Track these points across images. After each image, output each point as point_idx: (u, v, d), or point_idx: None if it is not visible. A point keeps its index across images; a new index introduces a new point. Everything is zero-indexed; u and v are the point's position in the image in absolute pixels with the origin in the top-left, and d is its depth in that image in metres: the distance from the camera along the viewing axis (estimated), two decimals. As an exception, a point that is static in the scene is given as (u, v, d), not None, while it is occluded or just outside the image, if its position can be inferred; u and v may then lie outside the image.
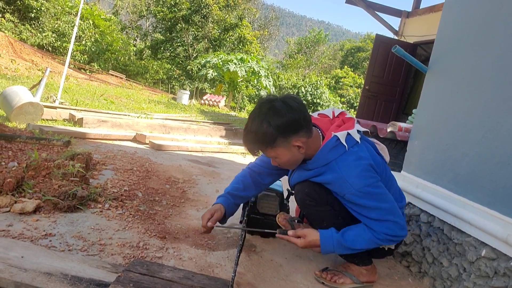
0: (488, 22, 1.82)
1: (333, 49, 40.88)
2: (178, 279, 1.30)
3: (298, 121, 1.44)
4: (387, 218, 1.47)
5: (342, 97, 28.08)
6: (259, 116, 1.44)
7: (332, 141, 1.50)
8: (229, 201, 1.73)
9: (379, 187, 1.48)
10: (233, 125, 7.39)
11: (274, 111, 1.43)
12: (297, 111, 1.44)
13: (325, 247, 1.53)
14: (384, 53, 6.81)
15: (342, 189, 1.48)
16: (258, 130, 1.43)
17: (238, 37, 25.84)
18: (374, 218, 1.47)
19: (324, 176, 1.52)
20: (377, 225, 1.47)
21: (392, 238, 1.49)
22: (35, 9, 18.64)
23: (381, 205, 1.46)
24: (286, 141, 1.45)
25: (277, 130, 1.42)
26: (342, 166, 1.47)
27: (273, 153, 1.49)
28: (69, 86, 10.00)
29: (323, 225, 1.61)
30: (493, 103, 1.69)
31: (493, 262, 1.52)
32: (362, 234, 1.50)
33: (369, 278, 1.70)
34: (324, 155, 1.50)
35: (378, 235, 1.48)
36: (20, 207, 1.77)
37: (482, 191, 1.66)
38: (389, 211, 1.48)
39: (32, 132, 3.45)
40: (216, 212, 1.66)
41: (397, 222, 1.48)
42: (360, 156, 1.49)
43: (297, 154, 1.50)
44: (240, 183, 1.78)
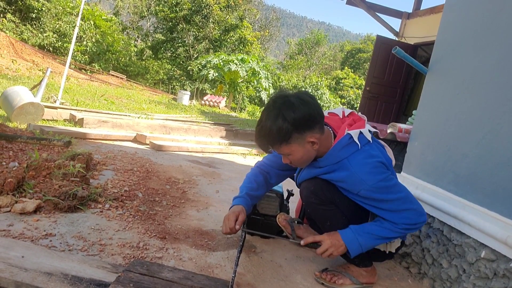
0: (488, 23, 1.82)
1: (333, 50, 40.89)
2: (178, 279, 1.31)
3: (314, 116, 1.41)
4: (404, 207, 1.46)
5: (342, 98, 28.10)
6: (274, 111, 1.40)
7: (345, 139, 1.49)
8: (248, 202, 1.69)
9: (391, 179, 1.48)
10: (233, 125, 7.40)
11: (289, 106, 1.39)
12: (312, 106, 1.41)
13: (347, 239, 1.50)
14: (385, 54, 6.82)
15: (355, 187, 1.47)
16: (273, 125, 1.39)
17: (238, 37, 25.86)
18: (392, 209, 1.46)
19: (336, 174, 1.51)
20: (396, 216, 1.46)
21: (413, 227, 1.49)
22: (36, 10, 18.68)
23: (397, 196, 1.46)
24: (301, 137, 1.42)
25: (293, 125, 1.38)
26: (354, 164, 1.46)
27: (287, 150, 1.45)
28: (69, 86, 10.01)
29: (326, 225, 1.62)
30: (493, 104, 1.69)
31: (492, 264, 1.52)
32: (380, 224, 1.49)
33: (368, 280, 1.70)
34: (336, 153, 1.49)
35: (398, 225, 1.47)
36: (20, 207, 1.77)
37: (482, 192, 1.66)
38: (405, 200, 1.47)
39: (32, 132, 3.46)
40: (240, 214, 1.60)
41: (415, 209, 1.48)
42: (371, 154, 1.48)
43: (310, 150, 1.47)
44: (254, 182, 1.74)
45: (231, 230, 1.55)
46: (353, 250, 1.51)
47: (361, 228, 1.51)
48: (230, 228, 1.55)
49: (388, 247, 1.64)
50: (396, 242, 1.64)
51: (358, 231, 1.50)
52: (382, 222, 1.50)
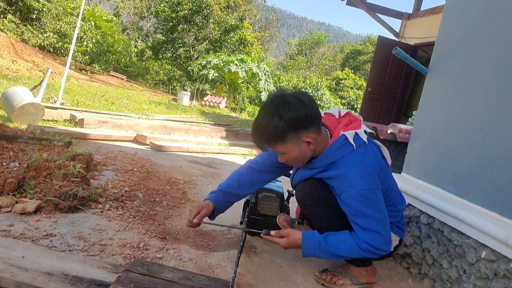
0: (488, 24, 1.82)
1: (333, 50, 40.91)
2: (178, 279, 1.31)
3: (310, 117, 1.41)
4: (374, 228, 1.45)
5: (342, 99, 28.10)
6: (270, 110, 1.41)
7: (340, 140, 1.49)
8: (219, 198, 1.70)
9: (377, 195, 1.47)
10: (233, 126, 7.40)
11: (286, 105, 1.39)
12: (309, 106, 1.42)
13: (306, 248, 1.52)
14: (386, 55, 6.82)
15: (341, 187, 1.47)
16: (269, 123, 1.39)
17: (239, 38, 25.87)
18: (361, 225, 1.46)
19: (328, 172, 1.51)
20: (363, 233, 1.46)
21: (374, 251, 1.47)
22: (37, 10, 18.70)
23: (372, 214, 1.45)
24: (296, 137, 1.42)
25: (289, 125, 1.39)
26: (347, 165, 1.46)
27: (283, 149, 1.46)
28: (70, 87, 10.02)
29: (323, 225, 1.61)
30: (493, 104, 1.69)
31: (493, 264, 1.52)
32: (345, 240, 1.49)
33: (369, 279, 1.70)
34: (331, 154, 1.50)
35: (361, 244, 1.46)
36: (21, 207, 1.77)
37: (482, 192, 1.66)
38: (379, 222, 1.46)
39: (33, 133, 3.46)
40: (203, 208, 1.62)
41: (383, 235, 1.47)
42: (366, 158, 1.48)
43: (306, 150, 1.48)
44: (235, 180, 1.74)
45: (189, 223, 1.58)
46: (306, 256, 1.55)
47: (324, 242, 1.51)
48: (188, 221, 1.58)
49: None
50: (395, 240, 1.64)
51: (320, 246, 1.51)
52: (347, 236, 1.50)
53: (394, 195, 1.66)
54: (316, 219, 1.66)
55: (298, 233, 1.55)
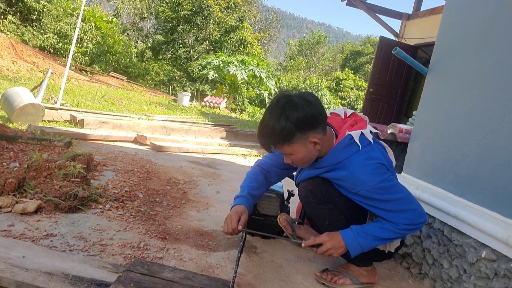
0: (488, 24, 1.82)
1: (333, 50, 40.92)
2: (179, 279, 1.31)
3: (316, 116, 1.41)
4: (404, 207, 1.46)
5: (342, 99, 28.11)
6: (277, 110, 1.40)
7: (346, 140, 1.49)
8: (250, 201, 1.69)
9: (392, 180, 1.48)
10: (234, 126, 7.40)
11: (292, 105, 1.39)
12: (315, 106, 1.41)
13: (348, 239, 1.50)
14: (387, 56, 6.81)
15: (354, 186, 1.47)
16: (276, 124, 1.38)
17: (239, 39, 25.88)
18: (391, 209, 1.46)
19: (335, 173, 1.51)
20: (396, 217, 1.47)
21: (413, 227, 1.49)
22: (37, 11, 18.73)
23: (397, 196, 1.46)
24: (303, 137, 1.41)
25: (296, 125, 1.38)
26: (354, 165, 1.46)
27: (289, 149, 1.45)
28: (70, 87, 10.03)
29: (324, 224, 1.62)
30: (493, 104, 1.70)
31: (493, 264, 1.52)
32: (380, 224, 1.50)
33: (369, 279, 1.70)
34: (337, 153, 1.49)
35: (397, 226, 1.47)
36: (21, 208, 1.77)
37: (482, 192, 1.66)
38: (405, 201, 1.47)
39: (33, 133, 3.46)
40: (243, 214, 1.59)
41: (415, 209, 1.48)
42: (371, 156, 1.48)
43: (312, 150, 1.47)
44: (254, 181, 1.73)
45: (233, 230, 1.54)
46: (354, 251, 1.51)
47: (362, 229, 1.51)
48: (233, 229, 1.54)
49: (388, 247, 1.64)
50: (396, 242, 1.64)
51: (359, 233, 1.50)
52: (382, 222, 1.50)
53: None
54: (318, 217, 1.67)
55: (335, 232, 1.54)
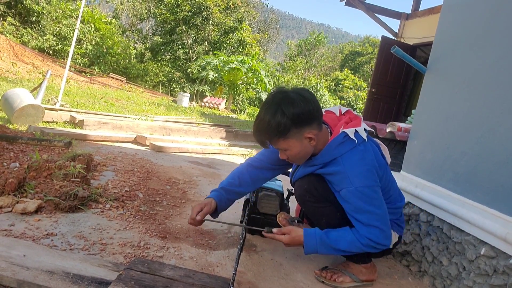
0: (487, 23, 1.83)
1: (332, 51, 40.97)
2: (179, 277, 1.31)
3: (312, 112, 1.42)
4: (374, 223, 1.46)
5: (342, 99, 28.14)
6: (273, 106, 1.40)
7: (340, 137, 1.50)
8: (221, 196, 1.70)
9: (376, 191, 1.48)
10: (233, 127, 7.41)
11: (288, 101, 1.40)
12: (311, 102, 1.42)
13: (308, 244, 1.52)
14: (388, 55, 6.81)
15: (341, 183, 1.48)
16: (272, 120, 1.39)
17: (238, 40, 25.91)
18: (362, 221, 1.47)
19: (328, 168, 1.52)
20: (363, 229, 1.47)
21: (375, 245, 1.48)
22: (36, 13, 18.74)
23: (372, 210, 1.46)
24: (299, 133, 1.43)
25: (292, 120, 1.39)
26: (346, 162, 1.47)
27: (285, 145, 1.46)
28: (69, 89, 10.03)
29: (322, 222, 1.62)
30: (492, 103, 1.70)
31: (492, 260, 1.53)
32: (346, 236, 1.50)
33: (368, 277, 1.71)
34: (331, 151, 1.50)
35: (361, 238, 1.47)
36: (22, 207, 1.78)
37: (481, 190, 1.67)
38: (379, 218, 1.47)
39: (33, 134, 3.46)
40: (206, 206, 1.63)
41: (383, 230, 1.48)
42: (365, 156, 1.49)
43: (307, 146, 1.48)
44: (236, 178, 1.74)
45: (192, 220, 1.59)
46: (308, 253, 1.55)
47: (326, 238, 1.51)
48: (191, 218, 1.59)
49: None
50: (394, 237, 1.65)
51: (323, 241, 1.51)
52: (348, 233, 1.50)
53: (393, 193, 1.66)
54: (314, 216, 1.67)
55: (299, 230, 1.55)
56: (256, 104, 23.40)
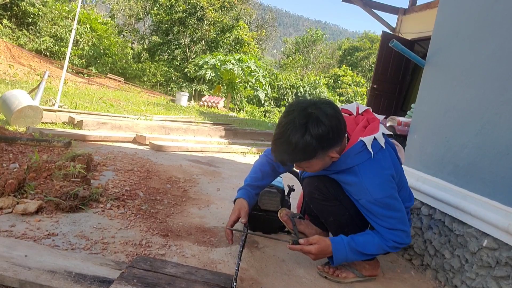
0: (484, 14, 1.82)
1: (330, 47, 40.92)
2: (182, 274, 1.31)
3: (339, 132, 1.38)
4: (398, 227, 1.50)
5: (341, 96, 28.11)
6: (299, 127, 1.32)
7: (358, 146, 1.46)
8: (249, 193, 1.72)
9: (395, 198, 1.49)
10: (232, 125, 7.41)
11: (315, 122, 1.32)
12: (337, 120, 1.36)
13: (337, 252, 1.51)
14: (389, 51, 6.80)
15: (359, 194, 1.47)
16: (299, 142, 1.32)
17: (235, 38, 25.86)
18: (386, 226, 1.49)
19: (344, 176, 1.50)
20: (388, 233, 1.50)
21: (399, 246, 1.53)
22: (32, 15, 18.69)
23: (394, 215, 1.48)
24: (324, 154, 1.39)
25: (319, 143, 1.33)
26: (364, 173, 1.45)
27: (307, 164, 1.44)
28: (67, 90, 10.01)
29: (329, 220, 1.63)
30: (491, 94, 1.70)
31: (494, 252, 1.52)
32: (372, 240, 1.51)
33: (371, 272, 1.71)
34: (348, 160, 1.47)
35: (387, 242, 1.50)
36: (22, 208, 1.77)
37: (482, 182, 1.67)
38: (400, 221, 1.51)
39: (32, 135, 3.45)
40: (241, 210, 1.64)
41: (405, 231, 1.52)
42: (383, 166, 1.47)
43: (328, 162, 1.47)
44: (259, 172, 1.75)
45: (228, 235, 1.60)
46: (337, 262, 1.54)
47: (354, 243, 1.51)
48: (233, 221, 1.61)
49: None
50: None
51: (351, 248, 1.50)
52: (373, 237, 1.52)
53: (403, 194, 1.66)
54: (322, 214, 1.66)
55: (326, 239, 1.53)
56: (255, 102, 23.36)
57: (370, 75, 26.88)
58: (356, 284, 1.66)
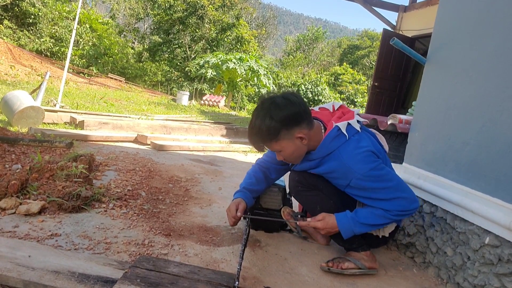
0: (485, 11, 1.82)
1: (331, 46, 40.83)
2: (185, 273, 1.32)
3: (299, 113, 1.51)
4: (396, 195, 1.52)
5: (341, 94, 28.06)
6: (262, 112, 1.51)
7: (334, 131, 1.56)
8: (246, 194, 1.83)
9: (382, 168, 1.54)
10: (233, 124, 7.40)
11: (275, 106, 1.50)
12: (297, 104, 1.52)
13: (343, 225, 1.58)
14: (390, 49, 6.77)
15: (347, 177, 1.53)
16: (262, 124, 1.50)
17: (235, 36, 25.81)
18: (383, 198, 1.52)
19: (327, 165, 1.58)
20: (388, 204, 1.53)
21: (404, 213, 1.55)
22: (33, 15, 18.69)
23: (387, 184, 1.52)
24: (289, 133, 1.51)
25: (280, 123, 1.48)
26: (344, 154, 1.53)
27: (278, 146, 1.55)
28: (69, 90, 10.03)
29: (316, 210, 1.70)
30: (492, 92, 1.70)
31: (497, 249, 1.53)
32: (375, 211, 1.56)
33: (371, 264, 1.72)
34: (326, 145, 1.57)
35: (390, 212, 1.53)
36: (25, 209, 1.78)
37: (483, 179, 1.67)
38: (396, 188, 1.53)
39: (34, 136, 3.47)
40: (240, 204, 1.76)
41: (406, 197, 1.54)
42: (360, 144, 1.55)
43: (300, 146, 1.56)
44: (253, 177, 1.87)
45: (234, 218, 1.74)
46: (346, 235, 1.60)
47: (356, 217, 1.57)
48: (233, 217, 1.74)
49: (381, 231, 1.70)
50: (390, 226, 1.68)
51: (354, 221, 1.57)
52: (377, 208, 1.56)
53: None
54: (309, 205, 1.77)
55: (331, 215, 1.62)
56: (256, 101, 23.35)
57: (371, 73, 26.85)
58: (358, 282, 1.66)
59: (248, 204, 1.81)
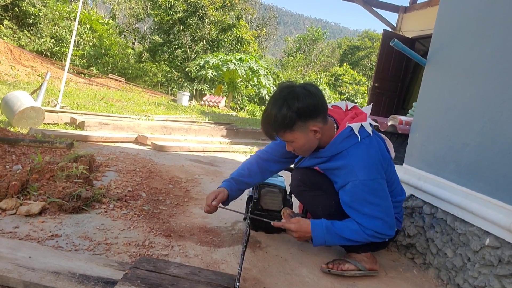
0: (485, 12, 1.82)
1: (331, 46, 40.83)
2: (185, 275, 1.32)
3: (317, 106, 1.48)
4: (378, 215, 1.51)
5: (341, 95, 28.06)
6: (279, 100, 1.48)
7: (346, 131, 1.55)
8: (232, 185, 1.78)
9: (380, 184, 1.53)
10: (234, 125, 7.41)
11: (294, 95, 1.46)
12: (316, 96, 1.49)
13: (315, 232, 1.56)
14: (390, 49, 6.77)
15: (347, 178, 1.52)
16: (278, 113, 1.46)
17: (236, 37, 25.81)
18: (366, 213, 1.51)
19: (333, 162, 1.57)
20: (367, 221, 1.51)
21: (379, 236, 1.54)
22: (33, 15, 18.68)
23: (378, 202, 1.51)
24: (304, 126, 1.49)
25: (297, 114, 1.45)
26: (352, 155, 1.52)
27: (291, 137, 1.52)
28: (69, 90, 10.03)
29: (318, 211, 1.67)
30: (492, 92, 1.70)
31: (497, 251, 1.53)
32: (351, 225, 1.54)
33: (371, 266, 1.72)
34: (337, 144, 1.55)
35: (366, 230, 1.52)
36: (25, 209, 1.78)
37: (484, 180, 1.67)
38: (383, 210, 1.52)
39: (34, 136, 3.47)
40: (220, 194, 1.72)
41: (387, 221, 1.53)
42: (370, 149, 1.54)
43: (312, 139, 1.54)
44: (246, 169, 1.82)
45: (208, 206, 1.68)
46: (316, 243, 1.58)
47: (332, 227, 1.56)
48: (208, 205, 1.69)
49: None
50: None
51: (329, 230, 1.55)
52: (352, 223, 1.54)
53: (395, 187, 1.71)
54: (310, 205, 1.74)
55: (307, 220, 1.61)
56: (256, 101, 23.35)
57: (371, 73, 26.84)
58: (358, 283, 1.66)
59: (230, 195, 1.76)
